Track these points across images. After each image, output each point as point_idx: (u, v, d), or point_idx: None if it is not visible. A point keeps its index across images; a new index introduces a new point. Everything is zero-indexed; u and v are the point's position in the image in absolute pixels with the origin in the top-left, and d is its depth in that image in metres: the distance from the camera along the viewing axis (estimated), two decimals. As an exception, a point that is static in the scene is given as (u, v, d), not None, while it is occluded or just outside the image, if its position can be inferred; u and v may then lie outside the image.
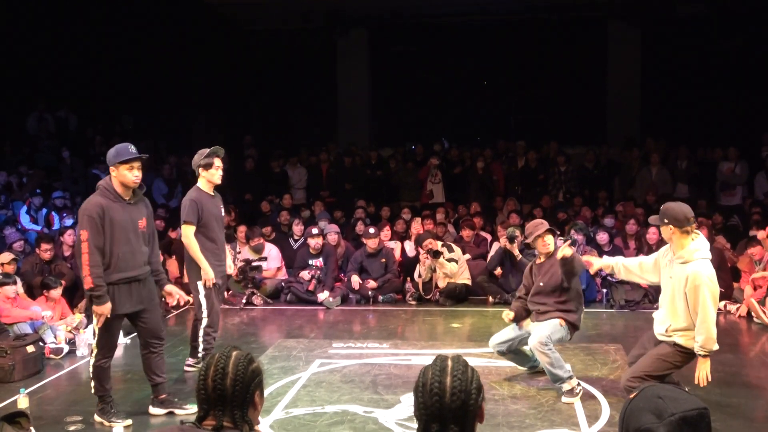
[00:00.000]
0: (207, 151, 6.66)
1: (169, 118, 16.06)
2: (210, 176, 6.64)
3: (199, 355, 6.76)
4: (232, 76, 17.00)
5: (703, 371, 5.30)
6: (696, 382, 5.32)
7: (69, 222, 11.68)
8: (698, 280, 5.17)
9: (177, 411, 5.90)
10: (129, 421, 5.72)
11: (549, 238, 6.45)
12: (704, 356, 5.28)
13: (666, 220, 5.28)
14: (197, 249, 6.53)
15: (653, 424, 1.80)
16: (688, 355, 5.42)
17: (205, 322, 6.70)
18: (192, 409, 5.86)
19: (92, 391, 5.67)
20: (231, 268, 7.11)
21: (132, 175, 5.41)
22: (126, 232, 5.43)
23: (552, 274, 6.31)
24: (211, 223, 6.58)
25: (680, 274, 5.31)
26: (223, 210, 6.88)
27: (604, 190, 13.34)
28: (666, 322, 5.47)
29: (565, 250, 6.03)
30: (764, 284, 9.02)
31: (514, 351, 6.60)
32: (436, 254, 10.03)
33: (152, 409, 5.91)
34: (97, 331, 5.57)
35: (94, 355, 5.62)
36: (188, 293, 7.00)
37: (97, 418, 5.70)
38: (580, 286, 6.49)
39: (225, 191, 13.84)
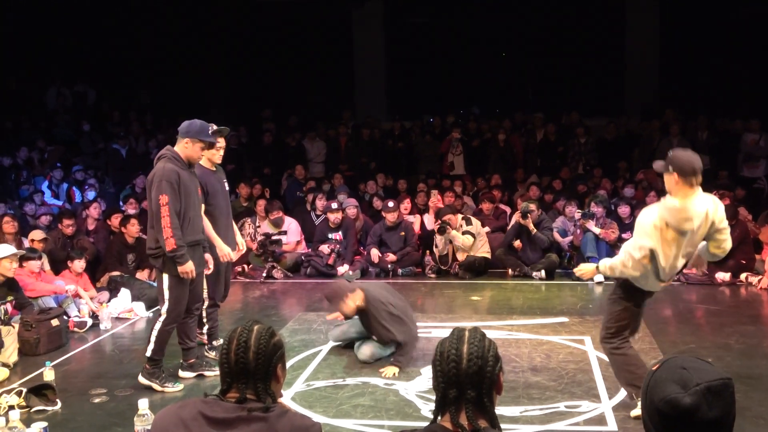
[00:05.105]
0: (212, 128, 6.59)
1: (186, 93, 16.08)
2: (211, 155, 6.54)
3: (204, 331, 6.70)
4: (248, 50, 16.95)
5: (584, 270, 5.17)
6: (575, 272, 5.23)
7: (91, 195, 11.75)
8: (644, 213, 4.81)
9: (206, 373, 6.09)
10: (181, 386, 5.86)
11: None
12: (602, 272, 4.98)
13: (671, 168, 4.70)
14: (210, 227, 6.42)
15: (679, 393, 1.80)
16: (626, 289, 4.97)
17: (206, 302, 6.60)
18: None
19: (148, 353, 5.75)
20: (242, 245, 7.02)
21: (201, 153, 5.86)
22: (193, 198, 5.73)
23: None
24: (216, 199, 6.52)
25: None
26: (227, 184, 6.81)
27: (624, 161, 13.21)
28: None
29: None
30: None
31: None
32: (441, 230, 10.05)
33: (182, 373, 6.06)
34: (167, 298, 5.67)
35: (161, 320, 5.71)
36: None
37: (144, 380, 5.79)
38: None
39: (243, 165, 13.94)
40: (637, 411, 4.97)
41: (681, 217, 4.64)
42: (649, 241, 4.67)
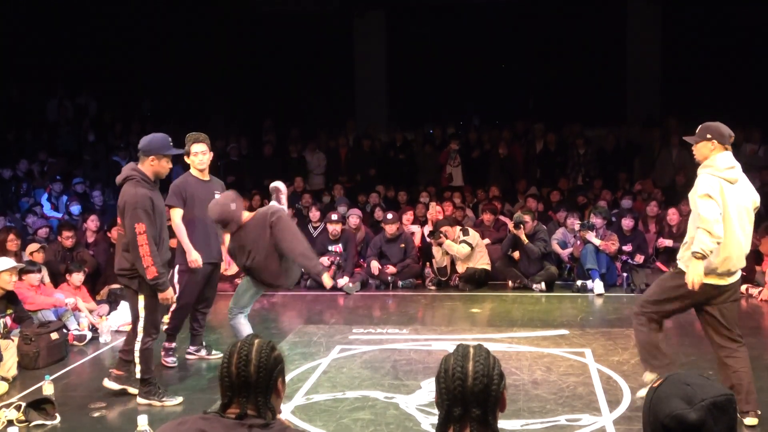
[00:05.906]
0: (188, 137, 6.71)
1: (188, 103, 16.10)
2: (192, 162, 6.67)
3: (162, 329, 6.67)
4: (249, 60, 16.99)
5: (691, 274, 4.82)
6: (688, 285, 4.87)
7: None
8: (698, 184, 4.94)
9: (131, 390, 5.94)
10: (180, 398, 5.85)
11: None
12: (698, 257, 4.79)
13: (709, 135, 4.96)
14: (183, 233, 6.57)
15: (684, 410, 1.80)
16: (681, 278, 4.96)
17: (174, 305, 6.58)
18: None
19: (137, 375, 5.76)
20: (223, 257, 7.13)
21: (169, 167, 5.76)
22: (163, 219, 5.74)
23: None
24: (195, 208, 6.59)
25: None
26: (217, 195, 6.80)
27: (624, 171, 13.19)
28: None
29: None
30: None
31: None
32: (431, 234, 10.17)
33: (107, 383, 5.98)
34: (142, 316, 5.68)
35: (140, 339, 5.71)
36: None
37: (142, 400, 5.78)
38: None
39: (244, 177, 13.93)
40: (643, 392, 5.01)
41: (724, 165, 4.87)
42: (711, 191, 4.79)
